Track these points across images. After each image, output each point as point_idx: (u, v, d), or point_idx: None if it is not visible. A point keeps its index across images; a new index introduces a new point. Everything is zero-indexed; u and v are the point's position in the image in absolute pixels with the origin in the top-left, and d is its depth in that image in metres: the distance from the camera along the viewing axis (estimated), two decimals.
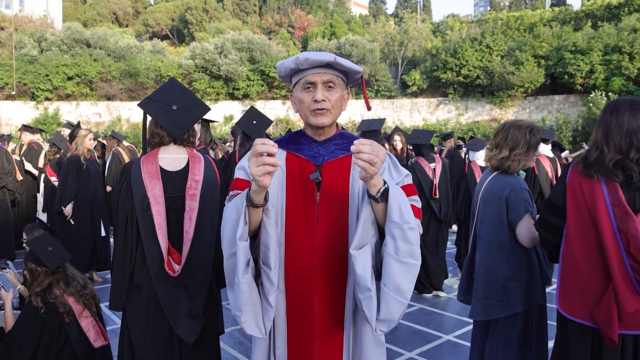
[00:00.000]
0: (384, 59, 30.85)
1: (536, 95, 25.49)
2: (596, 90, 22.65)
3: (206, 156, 2.68)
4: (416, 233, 1.54)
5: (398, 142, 6.83)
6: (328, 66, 1.65)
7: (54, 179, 6.64)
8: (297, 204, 1.68)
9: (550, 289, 4.92)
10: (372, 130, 6.02)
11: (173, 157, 2.53)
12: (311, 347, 1.68)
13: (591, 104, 22.09)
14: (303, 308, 1.68)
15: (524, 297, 2.68)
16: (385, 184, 1.52)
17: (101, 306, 3.06)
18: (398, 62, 30.68)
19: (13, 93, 25.36)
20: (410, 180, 1.76)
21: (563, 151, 8.49)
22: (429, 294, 5.62)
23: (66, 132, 7.80)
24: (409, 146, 7.15)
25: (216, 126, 25.17)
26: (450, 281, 5.98)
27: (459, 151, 9.79)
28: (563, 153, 8.12)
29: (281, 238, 1.67)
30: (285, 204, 1.68)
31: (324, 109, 1.66)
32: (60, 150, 6.88)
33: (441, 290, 5.66)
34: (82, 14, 46.07)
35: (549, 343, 2.68)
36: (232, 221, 1.54)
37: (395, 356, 3.94)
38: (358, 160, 1.42)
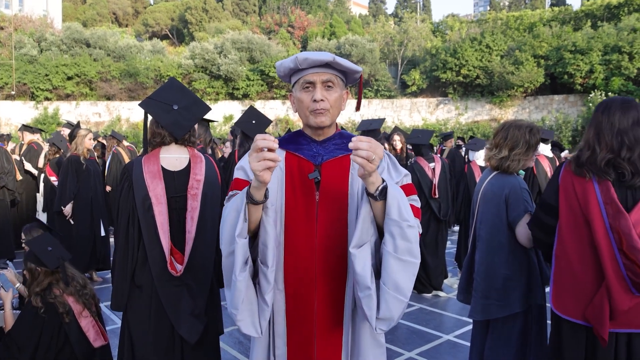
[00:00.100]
0: (384, 59, 30.85)
1: (536, 95, 25.49)
2: (596, 90, 22.65)
3: (206, 155, 2.68)
4: (415, 231, 1.54)
5: (397, 142, 6.84)
6: (327, 66, 1.65)
7: (54, 179, 6.64)
8: (297, 204, 1.68)
9: (549, 289, 4.90)
10: (372, 130, 6.03)
11: (174, 157, 2.53)
12: (311, 347, 1.68)
13: (591, 104, 22.08)
14: (302, 308, 1.68)
15: (524, 297, 2.68)
16: (383, 182, 1.52)
17: (101, 306, 3.06)
18: (398, 62, 30.68)
19: (13, 93, 25.36)
20: (409, 180, 1.76)
21: (563, 151, 8.49)
22: (429, 294, 5.62)
23: (66, 132, 7.81)
24: (409, 146, 7.15)
25: (216, 126, 25.16)
26: (449, 281, 5.98)
27: (459, 151, 9.79)
28: (563, 153, 8.12)
29: (280, 237, 1.66)
30: (284, 204, 1.68)
31: (323, 109, 1.66)
32: (60, 150, 6.88)
33: (441, 290, 5.67)
34: (82, 14, 46.07)
35: None
36: (232, 219, 1.54)
37: (395, 356, 3.94)
38: (356, 157, 1.42)
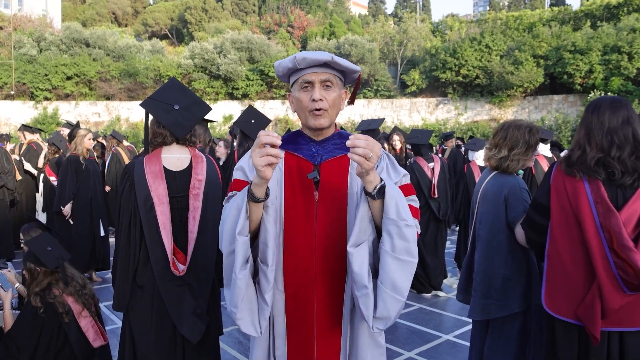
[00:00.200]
0: (383, 59, 30.85)
1: (535, 95, 25.50)
2: (595, 90, 22.67)
3: (207, 155, 2.69)
4: (413, 231, 1.54)
5: (397, 142, 6.85)
6: (326, 65, 1.65)
7: (53, 179, 6.64)
8: (296, 204, 1.68)
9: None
10: (371, 129, 6.03)
11: (176, 157, 2.53)
12: (311, 347, 1.68)
13: None
14: (302, 308, 1.68)
15: (523, 297, 2.68)
16: (381, 181, 1.52)
17: (100, 306, 3.06)
18: (397, 62, 30.69)
19: (12, 93, 25.35)
20: (408, 180, 1.76)
21: (562, 151, 8.48)
22: (428, 294, 5.62)
23: (65, 132, 7.80)
24: (408, 146, 7.16)
25: (215, 126, 25.16)
26: (449, 281, 5.98)
27: (460, 151, 9.79)
28: (562, 153, 8.12)
29: (280, 238, 1.66)
30: (283, 204, 1.68)
31: (322, 109, 1.66)
32: (59, 150, 6.87)
33: (440, 290, 5.67)
34: (81, 14, 46.06)
35: None
36: (232, 217, 1.54)
37: (394, 356, 3.94)
38: (353, 154, 1.42)
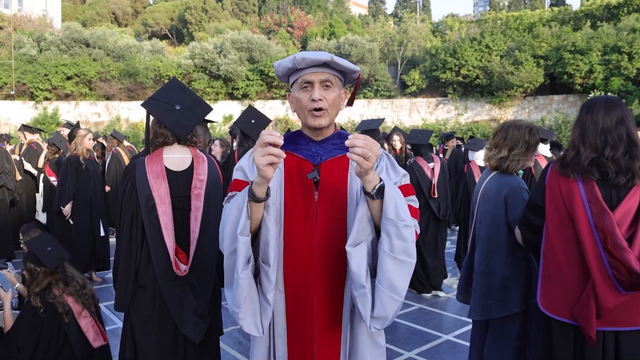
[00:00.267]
0: (383, 59, 30.85)
1: (535, 95, 25.51)
2: (595, 90, 22.66)
3: (208, 155, 2.69)
4: (412, 231, 1.54)
5: (397, 142, 6.85)
6: (325, 65, 1.65)
7: (53, 179, 6.64)
8: (296, 204, 1.68)
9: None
10: (371, 129, 6.03)
11: (177, 157, 2.53)
12: (311, 347, 1.68)
13: None
14: (302, 308, 1.68)
15: (523, 297, 2.68)
16: (381, 181, 1.52)
17: (100, 306, 3.06)
18: (397, 62, 30.69)
19: (12, 93, 25.35)
20: (407, 180, 1.76)
21: (562, 151, 8.47)
22: (428, 294, 5.62)
23: (65, 132, 7.80)
24: (408, 146, 7.16)
25: (215, 126, 25.15)
26: (449, 281, 5.98)
27: (461, 151, 9.79)
28: (562, 153, 8.11)
29: (280, 238, 1.66)
30: (283, 204, 1.68)
31: (321, 109, 1.66)
32: (59, 150, 6.87)
33: (440, 290, 5.66)
34: (81, 14, 46.06)
35: None
36: (233, 217, 1.54)
37: (394, 356, 3.94)
38: (352, 154, 1.43)
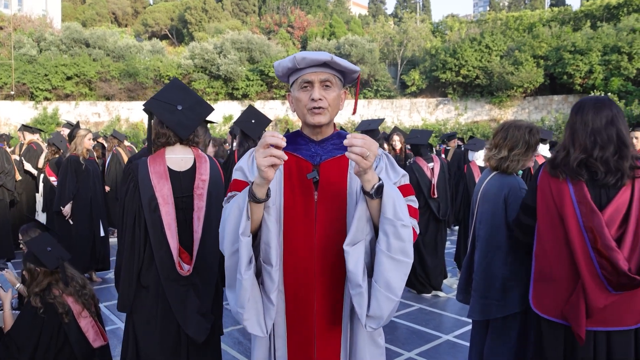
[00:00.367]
0: (383, 59, 30.86)
1: (535, 95, 25.51)
2: (595, 90, 22.67)
3: (209, 155, 2.70)
4: (409, 231, 1.54)
5: (397, 142, 6.85)
6: (325, 65, 1.65)
7: (53, 179, 6.64)
8: (295, 204, 1.68)
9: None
10: (371, 129, 6.03)
11: (180, 157, 2.53)
12: (311, 347, 1.68)
13: None
14: (302, 308, 1.68)
15: (523, 297, 2.68)
16: (380, 181, 1.53)
17: (100, 306, 3.06)
18: (397, 62, 30.69)
19: (12, 93, 25.35)
20: (407, 180, 1.76)
21: None
22: (428, 294, 5.62)
23: (65, 132, 7.80)
24: (407, 146, 7.16)
25: (215, 126, 25.14)
26: (449, 281, 5.98)
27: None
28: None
29: (280, 238, 1.66)
30: (283, 204, 1.68)
31: (321, 108, 1.66)
32: (59, 150, 6.87)
33: (440, 290, 5.66)
34: (81, 14, 46.07)
35: None
36: (234, 218, 1.54)
37: (394, 356, 3.94)
38: (350, 153, 1.43)
